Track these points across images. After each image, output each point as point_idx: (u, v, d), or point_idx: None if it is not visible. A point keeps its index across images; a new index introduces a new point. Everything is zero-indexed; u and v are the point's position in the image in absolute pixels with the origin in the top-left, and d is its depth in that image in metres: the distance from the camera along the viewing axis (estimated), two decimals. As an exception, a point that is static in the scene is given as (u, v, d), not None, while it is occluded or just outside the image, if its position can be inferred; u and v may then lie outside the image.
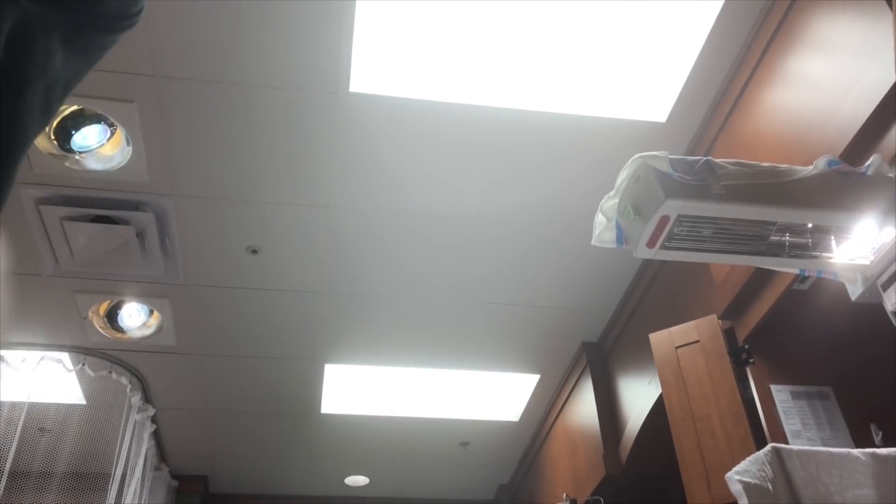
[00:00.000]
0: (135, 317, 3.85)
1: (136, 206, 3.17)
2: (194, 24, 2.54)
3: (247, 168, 3.03)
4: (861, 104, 2.02)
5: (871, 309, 1.95)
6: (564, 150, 3.01)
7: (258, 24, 2.55)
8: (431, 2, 2.49)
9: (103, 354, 4.09)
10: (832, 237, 1.86)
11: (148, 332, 3.93)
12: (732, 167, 1.78)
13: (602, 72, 2.72)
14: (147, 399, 4.42)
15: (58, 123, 2.84)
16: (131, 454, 4.17)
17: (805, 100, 2.32)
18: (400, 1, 2.49)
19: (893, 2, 1.78)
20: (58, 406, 4.25)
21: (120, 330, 3.88)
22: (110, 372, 4.12)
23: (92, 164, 2.99)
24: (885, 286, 1.87)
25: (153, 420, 4.56)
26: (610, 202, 1.82)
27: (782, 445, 2.05)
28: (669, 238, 1.77)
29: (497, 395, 4.58)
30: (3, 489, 3.72)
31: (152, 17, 2.49)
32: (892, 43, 1.79)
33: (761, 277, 2.43)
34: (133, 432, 4.24)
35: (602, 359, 4.06)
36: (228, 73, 2.69)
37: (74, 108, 2.81)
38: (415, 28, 2.56)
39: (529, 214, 3.30)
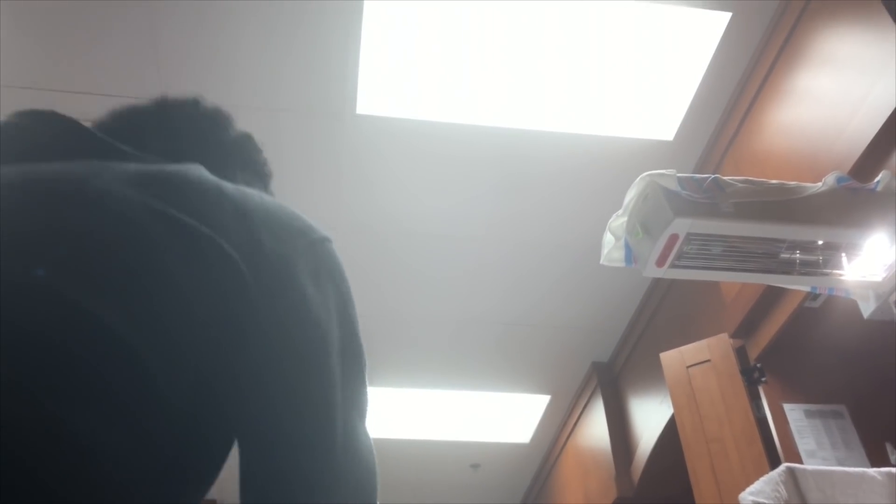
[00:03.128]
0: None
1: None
2: (199, 46, 2.56)
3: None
4: (869, 121, 2.02)
5: (885, 326, 1.94)
6: (572, 170, 3.01)
7: (264, 48, 2.57)
8: (438, 23, 2.50)
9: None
10: (843, 254, 1.84)
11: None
12: (741, 185, 1.78)
13: (608, 91, 2.72)
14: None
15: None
16: None
17: (812, 116, 2.31)
18: (406, 23, 2.50)
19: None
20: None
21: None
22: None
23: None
24: (898, 303, 1.86)
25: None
26: (618, 221, 1.81)
27: (797, 465, 2.03)
28: (679, 257, 1.77)
29: (508, 417, 4.55)
30: None
31: (159, 39, 2.51)
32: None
33: (772, 295, 2.41)
34: None
35: (613, 379, 4.03)
36: (233, 96, 2.70)
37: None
38: (421, 49, 2.57)
39: (537, 234, 3.29)
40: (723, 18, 2.53)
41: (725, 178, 1.80)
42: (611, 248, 1.84)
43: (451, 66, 2.62)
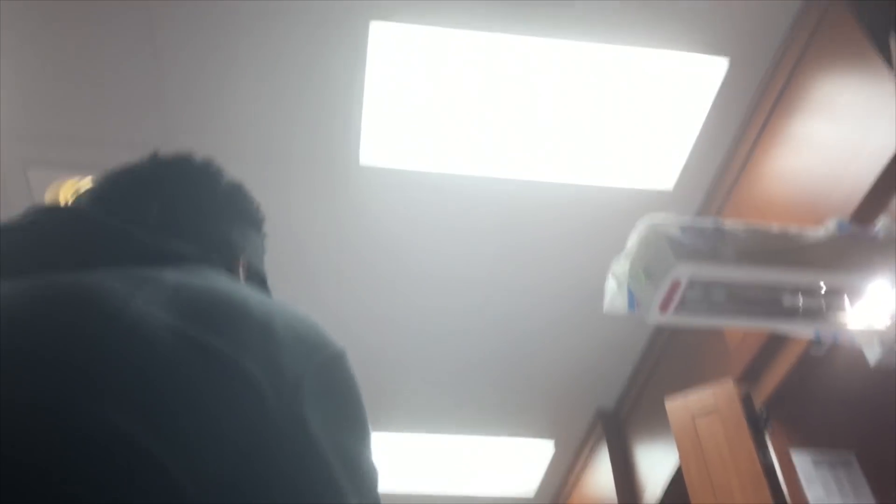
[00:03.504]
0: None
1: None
2: (202, 97, 2.59)
3: (258, 239, 3.04)
4: (867, 167, 2.03)
5: (891, 373, 1.92)
6: (572, 219, 3.02)
7: (268, 99, 2.60)
8: (441, 75, 2.54)
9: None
10: (846, 300, 1.84)
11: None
12: (743, 230, 1.78)
13: (607, 141, 2.74)
14: None
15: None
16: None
17: (812, 163, 2.33)
18: (409, 75, 2.54)
19: (895, 65, 1.81)
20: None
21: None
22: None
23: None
24: (904, 350, 1.84)
25: None
26: (620, 267, 1.81)
27: (806, 515, 1.99)
28: (682, 303, 1.76)
29: (511, 469, 4.48)
30: None
31: (163, 89, 2.55)
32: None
33: (777, 342, 2.40)
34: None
35: (618, 426, 3.99)
36: (236, 146, 2.73)
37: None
38: (425, 100, 2.61)
39: (540, 280, 3.29)
40: (720, 65, 2.57)
41: (727, 223, 1.81)
42: (613, 294, 1.84)
43: (454, 117, 2.66)
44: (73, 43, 2.42)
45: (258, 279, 1.09)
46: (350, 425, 0.81)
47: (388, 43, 2.45)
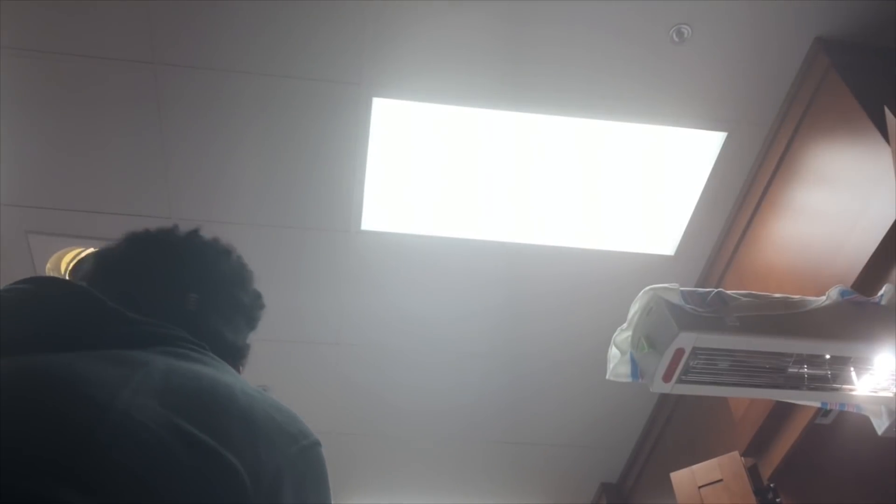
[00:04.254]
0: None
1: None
2: (207, 167, 2.62)
3: (259, 307, 3.03)
4: (868, 235, 2.04)
5: (899, 443, 1.89)
6: (574, 285, 3.02)
7: (272, 168, 2.63)
8: (441, 143, 2.58)
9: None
10: (852, 369, 1.82)
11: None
12: (745, 298, 1.78)
13: (610, 206, 2.77)
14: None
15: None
16: None
17: (812, 231, 2.34)
18: (410, 141, 2.58)
19: (891, 138, 1.83)
20: None
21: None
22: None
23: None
24: (912, 419, 1.82)
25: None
26: (623, 335, 1.80)
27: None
28: (686, 371, 1.75)
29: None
30: None
31: (169, 161, 2.58)
32: (894, 176, 1.82)
33: (782, 411, 2.37)
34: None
35: (622, 500, 3.90)
36: (240, 213, 2.75)
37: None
38: (425, 167, 2.64)
39: (541, 349, 3.27)
40: (718, 138, 2.61)
41: (729, 291, 1.80)
42: (616, 362, 1.82)
43: (454, 183, 2.68)
44: (78, 114, 2.46)
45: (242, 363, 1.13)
46: None
47: (389, 117, 2.50)
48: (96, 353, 0.82)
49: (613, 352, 1.82)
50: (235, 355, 1.08)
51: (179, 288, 1.02)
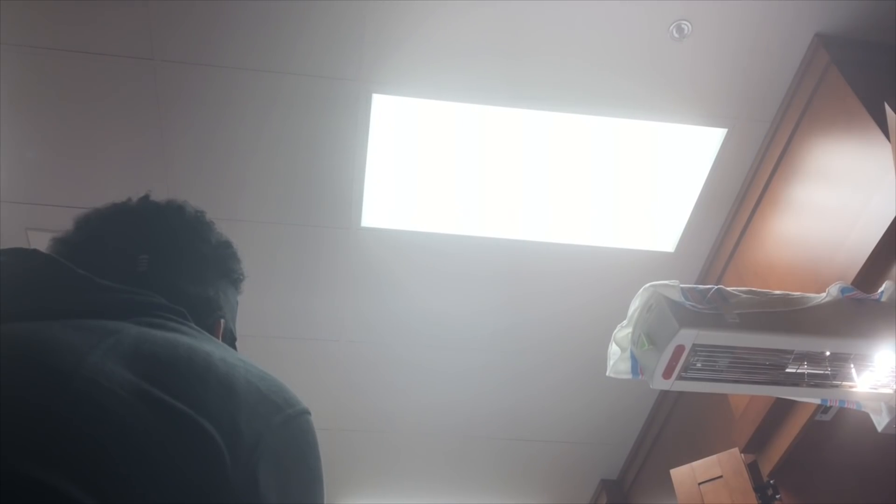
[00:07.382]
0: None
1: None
2: (209, 162, 2.62)
3: (258, 303, 3.04)
4: (869, 232, 2.04)
5: (899, 439, 1.89)
6: (574, 281, 3.02)
7: (274, 165, 2.63)
8: (441, 140, 2.58)
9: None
10: (851, 365, 1.82)
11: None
12: (745, 295, 1.78)
13: (610, 203, 2.76)
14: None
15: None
16: None
17: (812, 228, 2.33)
18: (410, 137, 2.58)
19: (891, 134, 1.83)
20: None
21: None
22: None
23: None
24: (912, 416, 1.82)
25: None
26: (623, 332, 1.80)
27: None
28: (686, 368, 1.74)
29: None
30: None
31: (170, 159, 2.58)
32: (894, 172, 1.82)
33: (782, 408, 2.37)
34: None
35: (622, 497, 3.91)
36: (240, 209, 2.74)
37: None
38: (425, 164, 2.64)
39: (541, 345, 3.27)
40: (718, 135, 2.61)
41: (729, 288, 1.80)
42: (616, 359, 1.82)
43: (454, 180, 2.68)
44: (78, 111, 2.46)
45: (230, 338, 1.07)
46: (304, 484, 0.81)
47: (389, 113, 2.50)
48: (63, 321, 0.79)
49: (613, 348, 1.82)
50: (206, 307, 1.02)
51: (130, 253, 0.99)
